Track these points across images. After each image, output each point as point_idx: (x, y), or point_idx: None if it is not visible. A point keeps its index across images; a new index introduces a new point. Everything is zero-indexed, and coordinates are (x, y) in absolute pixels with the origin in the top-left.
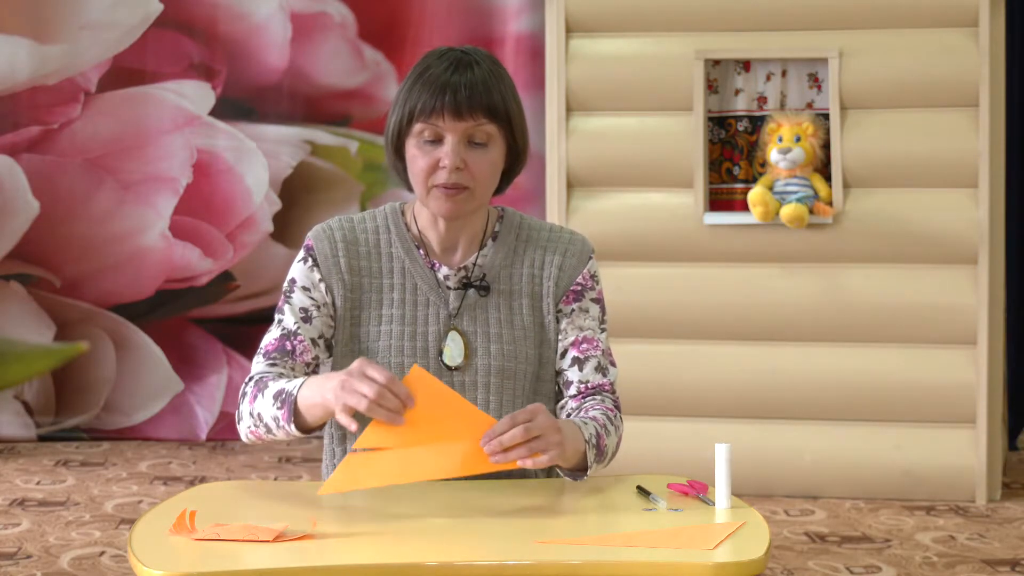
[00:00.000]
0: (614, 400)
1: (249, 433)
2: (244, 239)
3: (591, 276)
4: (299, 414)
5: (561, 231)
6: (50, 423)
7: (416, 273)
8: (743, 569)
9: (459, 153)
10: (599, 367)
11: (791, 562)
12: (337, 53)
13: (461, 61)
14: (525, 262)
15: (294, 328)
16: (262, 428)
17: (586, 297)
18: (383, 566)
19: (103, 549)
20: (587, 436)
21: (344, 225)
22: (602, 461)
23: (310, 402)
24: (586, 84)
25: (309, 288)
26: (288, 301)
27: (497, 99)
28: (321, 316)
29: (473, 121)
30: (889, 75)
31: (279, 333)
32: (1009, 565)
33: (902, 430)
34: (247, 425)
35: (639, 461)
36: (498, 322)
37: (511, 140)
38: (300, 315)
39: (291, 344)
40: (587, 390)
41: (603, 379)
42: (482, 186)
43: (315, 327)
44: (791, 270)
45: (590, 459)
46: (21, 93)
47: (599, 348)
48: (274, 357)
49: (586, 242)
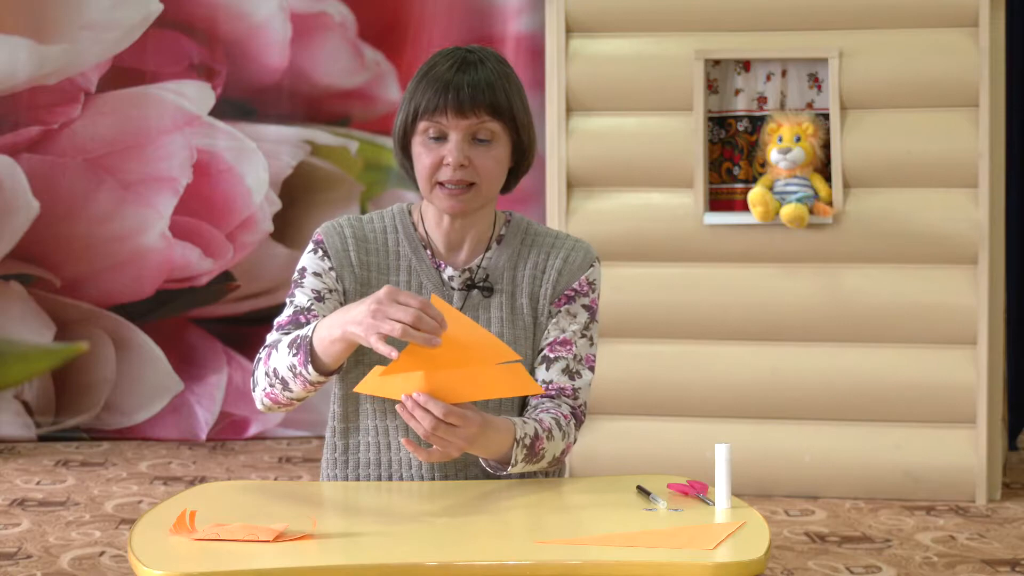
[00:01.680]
0: (573, 407)
1: (264, 396)
2: (244, 239)
3: (589, 283)
4: (316, 356)
5: (567, 238)
6: (50, 423)
7: (422, 272)
8: (743, 569)
9: (463, 150)
10: (567, 370)
11: (791, 562)
12: (337, 53)
13: (466, 60)
14: (528, 264)
15: (307, 305)
16: (278, 385)
17: (577, 302)
18: (383, 566)
19: (103, 549)
20: (520, 435)
21: (353, 223)
22: (534, 461)
23: (329, 338)
24: (586, 84)
25: (320, 275)
26: (300, 286)
27: (501, 97)
28: (332, 299)
29: (476, 118)
30: (889, 75)
31: (292, 311)
32: (1009, 565)
33: (902, 430)
34: (262, 388)
35: (639, 461)
36: (500, 321)
37: (516, 138)
38: (313, 295)
39: (305, 318)
40: (547, 393)
41: (568, 383)
42: (487, 183)
43: (327, 307)
44: (791, 270)
45: (517, 457)
46: (21, 93)
47: (571, 351)
48: (288, 329)
49: (590, 250)
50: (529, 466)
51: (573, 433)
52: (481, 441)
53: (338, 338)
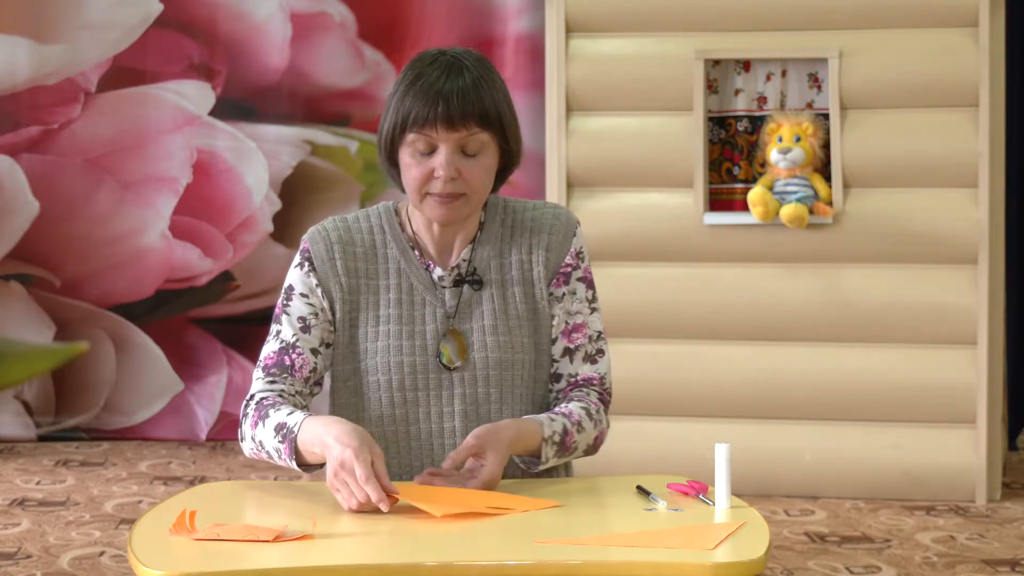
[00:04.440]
0: (600, 393)
1: (252, 454)
2: (244, 239)
3: (577, 254)
4: (299, 452)
5: (544, 208)
6: (50, 423)
7: (412, 273)
8: (743, 569)
9: (453, 163)
10: (587, 356)
11: (791, 562)
12: (337, 53)
13: (452, 67)
14: (514, 250)
15: (292, 340)
16: (264, 454)
17: (573, 278)
18: (383, 566)
19: (103, 549)
20: (548, 434)
21: (339, 226)
22: (566, 455)
23: (311, 448)
24: (586, 84)
25: (307, 295)
26: (286, 310)
27: (489, 105)
28: (320, 323)
29: (466, 131)
30: (889, 75)
31: (278, 346)
32: (1009, 565)
33: (902, 430)
34: (250, 447)
35: (639, 461)
36: (492, 314)
37: (504, 144)
38: (299, 324)
39: (290, 358)
40: (575, 383)
41: (592, 370)
42: (477, 192)
43: (314, 336)
44: (791, 270)
45: (548, 454)
46: (21, 93)
47: (587, 334)
48: (273, 373)
49: (570, 216)
50: (562, 459)
51: (605, 419)
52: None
53: (318, 453)
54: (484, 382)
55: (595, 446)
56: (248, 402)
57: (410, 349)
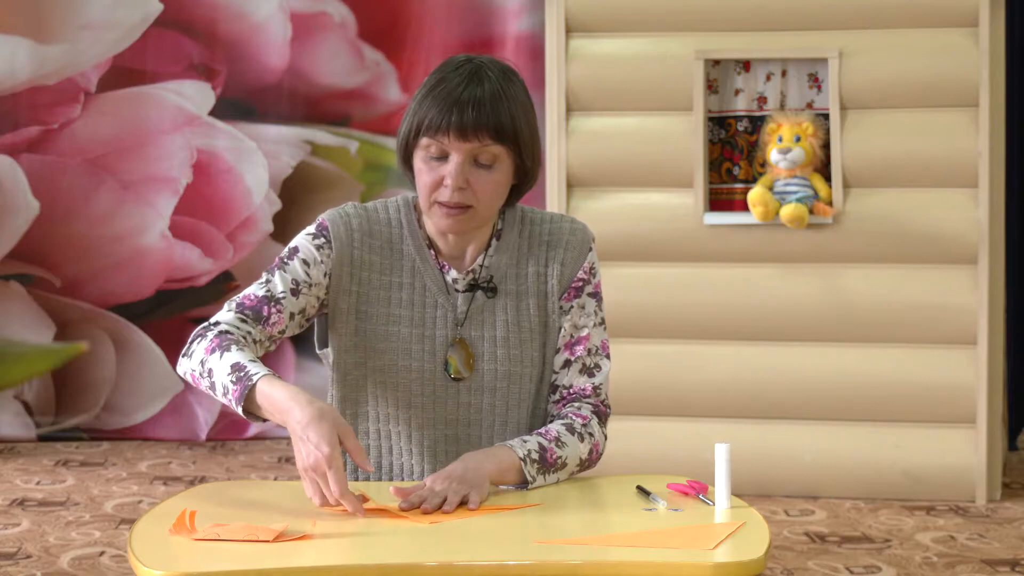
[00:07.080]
0: (593, 406)
1: (189, 374)
2: (244, 239)
3: (590, 269)
4: (251, 399)
5: (561, 221)
6: (50, 423)
7: (426, 273)
8: (743, 569)
9: (463, 173)
10: (584, 368)
11: (791, 562)
12: (337, 53)
13: (474, 76)
14: (531, 261)
15: (279, 295)
16: (205, 382)
17: (584, 292)
18: (383, 566)
19: (103, 549)
20: (522, 454)
21: (360, 214)
22: (552, 472)
23: (269, 406)
24: (586, 84)
25: (309, 264)
26: (283, 267)
27: (505, 119)
28: (310, 295)
29: (479, 142)
30: (889, 75)
31: (262, 293)
32: (1009, 565)
33: (902, 430)
34: (190, 367)
35: (639, 461)
36: (505, 324)
37: (519, 160)
38: (291, 285)
39: (268, 310)
40: (569, 396)
41: (587, 382)
42: (485, 205)
43: (299, 302)
44: (791, 270)
45: (531, 473)
46: (21, 93)
47: (586, 347)
48: (247, 314)
49: (586, 232)
50: (554, 476)
51: (598, 431)
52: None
53: (276, 417)
54: (490, 393)
55: (591, 459)
56: (210, 327)
57: (419, 354)
